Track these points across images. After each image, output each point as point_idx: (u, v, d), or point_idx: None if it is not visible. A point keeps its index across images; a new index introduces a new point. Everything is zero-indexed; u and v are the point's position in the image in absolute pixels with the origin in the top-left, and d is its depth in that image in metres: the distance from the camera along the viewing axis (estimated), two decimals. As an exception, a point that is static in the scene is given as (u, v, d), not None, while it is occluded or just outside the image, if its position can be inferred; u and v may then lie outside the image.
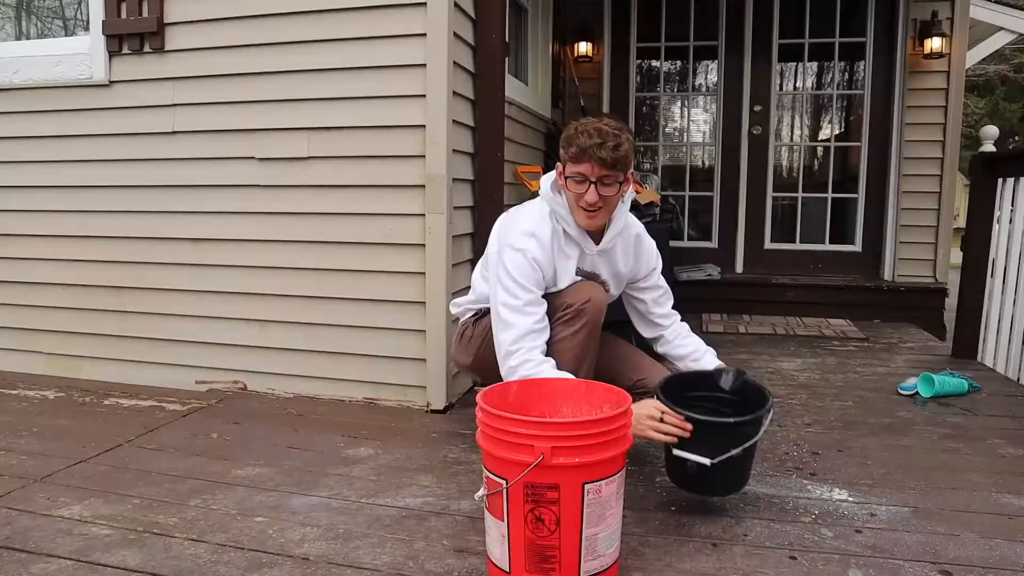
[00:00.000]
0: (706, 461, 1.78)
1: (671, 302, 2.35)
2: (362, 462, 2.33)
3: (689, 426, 1.79)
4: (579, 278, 2.14)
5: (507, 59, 3.40)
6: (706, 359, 2.23)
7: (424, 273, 2.81)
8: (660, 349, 2.33)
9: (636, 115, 5.63)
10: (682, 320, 2.35)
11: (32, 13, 3.60)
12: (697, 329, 4.45)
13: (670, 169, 5.70)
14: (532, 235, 2.04)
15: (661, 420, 1.81)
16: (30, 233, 3.35)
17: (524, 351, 1.97)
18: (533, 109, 4.31)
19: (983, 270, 3.70)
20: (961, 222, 4.62)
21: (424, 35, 2.72)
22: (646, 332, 2.35)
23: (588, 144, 1.89)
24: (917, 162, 4.90)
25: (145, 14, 3.03)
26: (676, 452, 1.82)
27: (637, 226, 2.25)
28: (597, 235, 2.13)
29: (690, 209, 5.57)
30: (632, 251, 2.22)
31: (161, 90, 3.07)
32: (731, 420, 1.83)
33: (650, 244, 2.28)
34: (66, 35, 3.42)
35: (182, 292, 3.16)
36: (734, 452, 1.78)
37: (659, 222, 4.22)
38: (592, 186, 1.93)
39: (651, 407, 1.84)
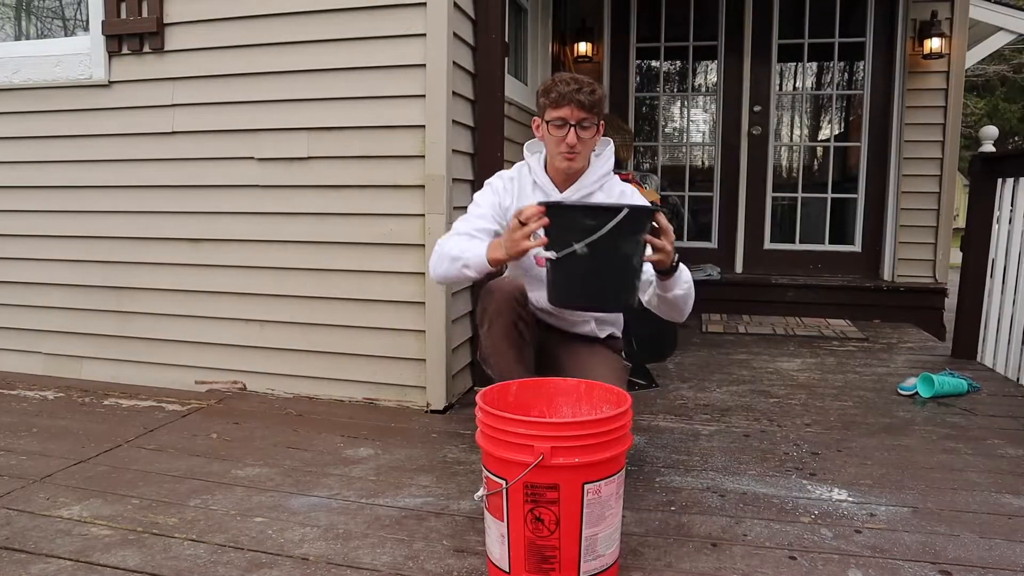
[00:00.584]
0: (551, 254, 1.70)
1: None
2: (362, 462, 2.33)
3: (543, 209, 1.74)
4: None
5: (507, 59, 3.41)
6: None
7: (424, 273, 2.81)
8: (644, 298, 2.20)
9: (636, 115, 5.63)
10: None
11: (32, 13, 3.60)
12: (697, 329, 4.49)
13: (670, 169, 5.70)
14: (499, 176, 2.23)
15: (523, 224, 1.77)
16: (29, 233, 3.35)
17: (443, 241, 2.05)
18: (533, 109, 4.30)
19: (983, 270, 3.70)
20: (961, 222, 4.63)
21: (424, 35, 2.72)
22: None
23: (567, 90, 1.99)
24: (917, 162, 4.90)
25: (145, 14, 3.03)
26: (536, 252, 1.75)
27: (624, 185, 2.23)
28: (565, 187, 2.14)
29: (690, 209, 5.57)
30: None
31: (160, 90, 3.07)
32: (569, 203, 1.81)
33: (639, 200, 2.19)
34: (66, 35, 3.42)
35: (181, 292, 3.16)
36: (576, 247, 1.65)
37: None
38: (572, 129, 2.01)
39: (514, 221, 1.80)
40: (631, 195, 2.21)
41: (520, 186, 2.18)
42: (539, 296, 2.16)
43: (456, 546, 1.77)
